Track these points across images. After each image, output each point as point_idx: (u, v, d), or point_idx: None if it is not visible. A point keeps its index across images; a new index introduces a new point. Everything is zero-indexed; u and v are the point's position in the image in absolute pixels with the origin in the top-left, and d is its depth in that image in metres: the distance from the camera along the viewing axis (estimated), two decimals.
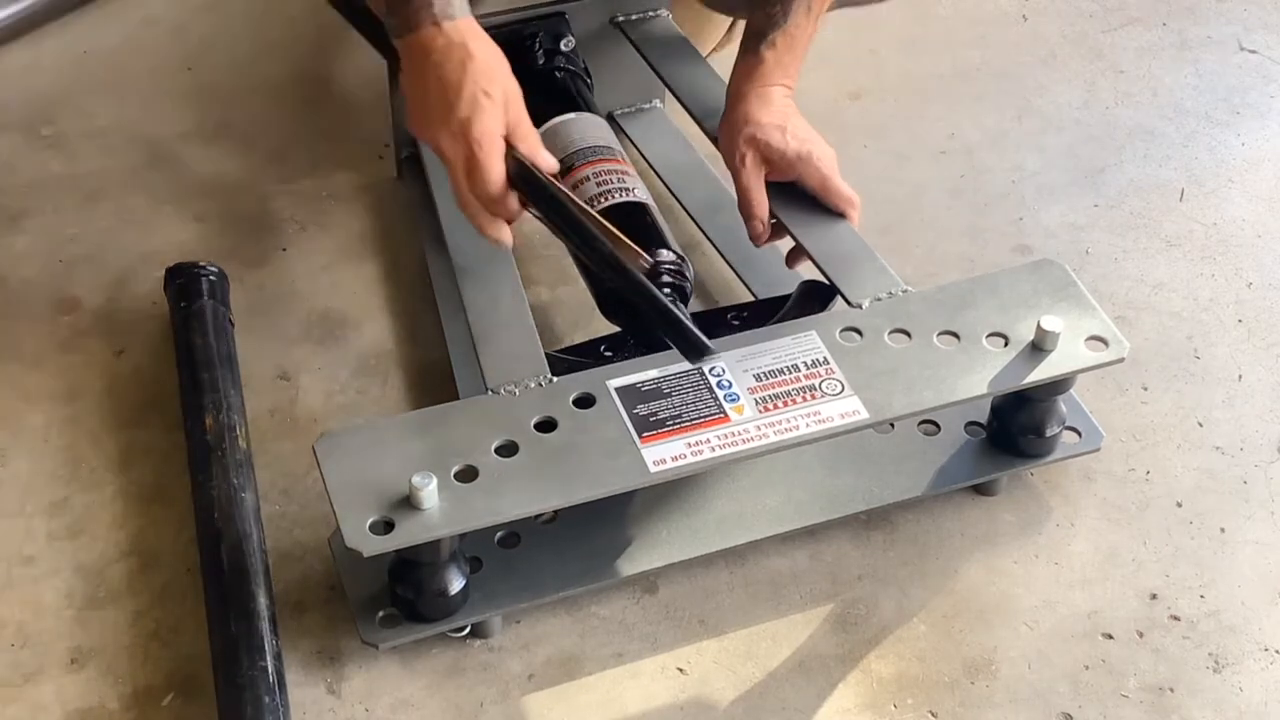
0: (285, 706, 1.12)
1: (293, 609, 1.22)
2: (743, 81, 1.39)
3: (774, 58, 1.38)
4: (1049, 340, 1.21)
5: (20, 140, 1.67)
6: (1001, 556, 1.28)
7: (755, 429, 1.16)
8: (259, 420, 1.37)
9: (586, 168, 1.40)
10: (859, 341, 1.23)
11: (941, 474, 1.30)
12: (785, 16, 1.38)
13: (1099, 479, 1.34)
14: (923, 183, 1.67)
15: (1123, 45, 1.88)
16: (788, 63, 1.39)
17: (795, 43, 1.39)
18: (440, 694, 1.17)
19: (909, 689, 1.18)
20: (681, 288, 1.35)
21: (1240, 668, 1.20)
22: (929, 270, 1.54)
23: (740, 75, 1.40)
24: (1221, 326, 1.50)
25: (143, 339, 1.45)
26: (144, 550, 1.27)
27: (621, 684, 1.19)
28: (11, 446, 1.35)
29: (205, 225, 1.59)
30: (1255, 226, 1.62)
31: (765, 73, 1.38)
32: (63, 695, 1.17)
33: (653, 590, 1.25)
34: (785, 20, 1.38)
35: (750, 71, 1.39)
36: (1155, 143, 1.73)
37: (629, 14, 1.59)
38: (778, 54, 1.38)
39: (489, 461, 1.12)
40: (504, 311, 1.27)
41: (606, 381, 1.19)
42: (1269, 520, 1.31)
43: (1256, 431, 1.39)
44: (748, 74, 1.39)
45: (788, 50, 1.38)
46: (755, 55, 1.39)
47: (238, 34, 1.85)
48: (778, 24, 1.38)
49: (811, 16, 1.39)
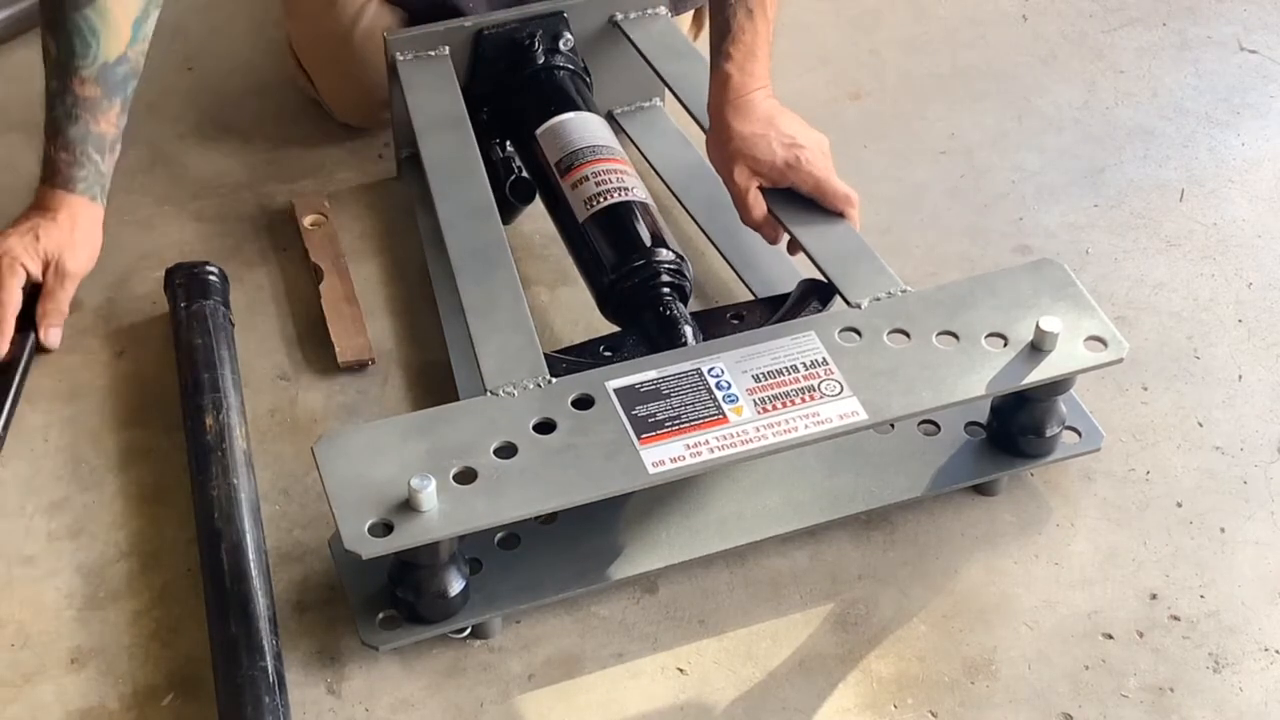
0: (285, 706, 1.12)
1: (293, 609, 1.22)
2: (718, 96, 1.40)
3: (736, 68, 1.39)
4: (1048, 340, 1.21)
5: (20, 140, 1.67)
6: (1001, 556, 1.28)
7: (754, 430, 1.16)
8: (259, 420, 1.37)
9: (586, 167, 1.40)
10: (858, 342, 1.23)
11: (941, 474, 1.30)
12: (729, 24, 1.39)
13: (1099, 479, 1.34)
14: (923, 183, 1.67)
15: (1123, 45, 1.88)
16: (751, 69, 1.39)
17: (750, 46, 1.39)
18: (440, 694, 1.17)
19: (909, 689, 1.18)
20: (681, 288, 1.35)
21: (1240, 668, 1.20)
22: (929, 270, 1.54)
23: (714, 92, 1.41)
24: (1221, 326, 1.50)
25: (143, 339, 1.46)
26: (144, 550, 1.27)
27: (621, 684, 1.19)
28: (11, 446, 1.35)
29: (205, 225, 1.59)
30: (1255, 226, 1.62)
31: (735, 85, 1.39)
32: (63, 695, 1.17)
33: (653, 590, 1.25)
34: (730, 27, 1.39)
35: (722, 87, 1.40)
36: (1155, 143, 1.73)
37: (629, 13, 1.59)
38: (738, 63, 1.39)
39: (488, 463, 1.12)
40: (503, 311, 1.27)
41: (605, 382, 1.19)
42: (1269, 520, 1.31)
43: (1256, 431, 1.39)
44: (720, 89, 1.40)
45: (746, 56, 1.39)
46: (720, 71, 1.40)
47: (238, 34, 1.85)
48: (725, 34, 1.39)
49: (755, 16, 1.39)
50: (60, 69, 1.38)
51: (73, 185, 1.41)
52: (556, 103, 1.49)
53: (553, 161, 1.43)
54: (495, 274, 1.31)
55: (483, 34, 1.53)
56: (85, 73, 1.37)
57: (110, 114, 1.40)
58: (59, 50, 1.37)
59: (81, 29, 1.35)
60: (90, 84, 1.38)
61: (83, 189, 1.41)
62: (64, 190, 1.41)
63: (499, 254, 1.32)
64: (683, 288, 1.35)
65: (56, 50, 1.37)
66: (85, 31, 1.35)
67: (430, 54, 1.52)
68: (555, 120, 1.46)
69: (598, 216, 1.37)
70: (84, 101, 1.38)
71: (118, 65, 1.38)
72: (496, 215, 1.37)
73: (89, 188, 1.42)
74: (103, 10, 1.35)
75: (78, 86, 1.37)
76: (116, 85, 1.39)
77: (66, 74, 1.37)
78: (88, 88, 1.38)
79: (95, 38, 1.36)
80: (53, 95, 1.39)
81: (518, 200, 1.50)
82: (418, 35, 1.52)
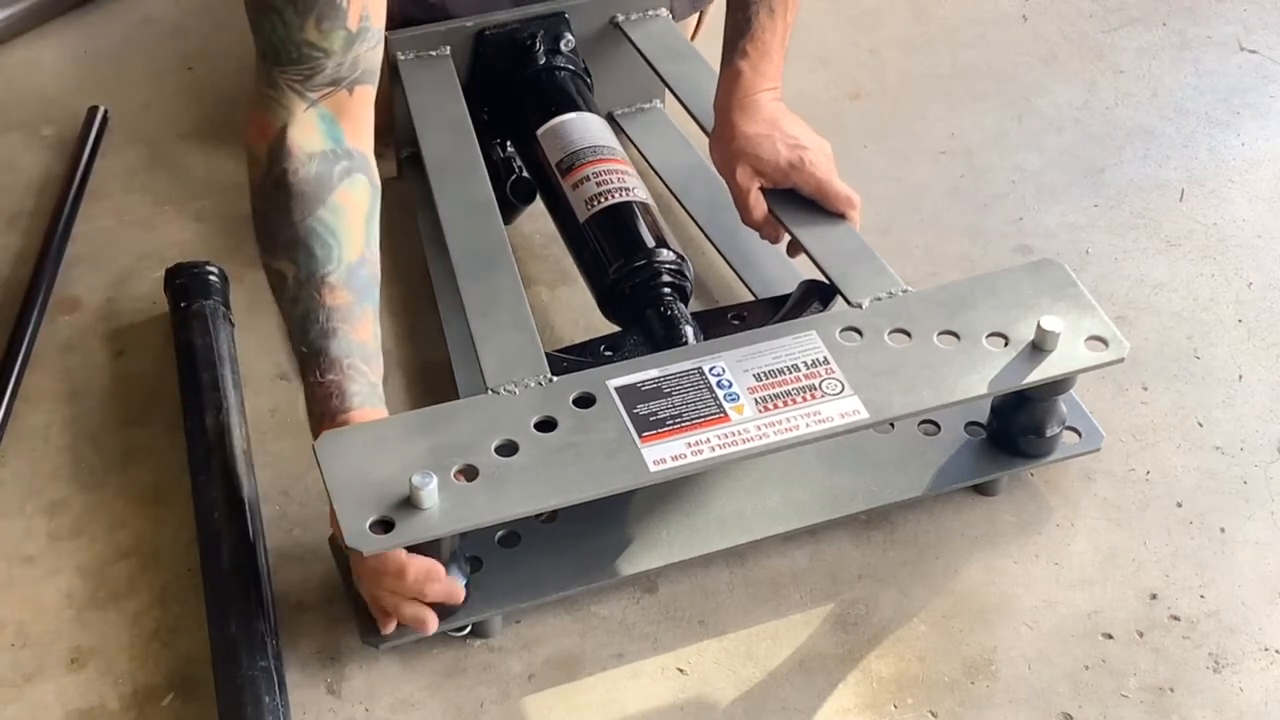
0: (285, 706, 1.12)
1: (293, 609, 1.22)
2: (726, 95, 1.40)
3: (749, 66, 1.38)
4: (1049, 340, 1.21)
5: (20, 140, 1.67)
6: (1001, 556, 1.28)
7: (755, 429, 1.16)
8: (259, 420, 1.37)
9: (586, 167, 1.40)
10: (859, 341, 1.23)
11: (941, 474, 1.30)
12: (750, 22, 1.38)
13: (1099, 479, 1.34)
14: (923, 183, 1.67)
15: (1123, 45, 1.88)
16: (764, 68, 1.39)
17: (767, 45, 1.39)
18: (440, 694, 1.17)
19: (909, 689, 1.18)
20: (681, 287, 1.35)
21: (1240, 668, 1.20)
22: (929, 270, 1.54)
23: (723, 89, 1.41)
24: (1221, 326, 1.50)
25: (143, 339, 1.45)
26: (144, 550, 1.27)
27: (621, 684, 1.19)
28: (11, 446, 1.35)
29: (205, 225, 1.59)
30: (1255, 226, 1.62)
31: (745, 83, 1.39)
32: (63, 695, 1.17)
33: (653, 590, 1.25)
34: (750, 25, 1.38)
35: (731, 84, 1.39)
36: (1155, 143, 1.73)
37: (629, 14, 1.59)
38: (752, 61, 1.38)
39: (489, 461, 1.12)
40: (505, 310, 1.27)
41: (606, 381, 1.19)
42: (1269, 520, 1.31)
43: (1256, 431, 1.39)
44: (729, 87, 1.40)
45: (761, 56, 1.39)
46: (732, 67, 1.39)
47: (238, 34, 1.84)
48: (743, 31, 1.39)
49: (776, 16, 1.39)
50: (303, 286, 1.16)
51: (349, 401, 1.15)
52: (557, 103, 1.49)
53: (554, 161, 1.43)
54: (496, 273, 1.31)
55: (484, 34, 1.53)
56: (333, 278, 1.16)
57: (364, 322, 1.18)
58: (300, 265, 1.16)
59: (319, 233, 1.16)
60: (340, 290, 1.16)
61: (359, 402, 1.15)
62: (344, 414, 1.15)
63: (500, 253, 1.32)
64: (683, 288, 1.35)
65: (297, 268, 1.16)
66: (324, 235, 1.17)
67: (431, 54, 1.52)
68: (556, 120, 1.46)
69: (598, 216, 1.37)
70: (337, 311, 1.16)
71: (360, 268, 1.18)
72: (498, 215, 1.37)
73: (365, 400, 1.16)
74: (336, 208, 1.17)
75: (328, 296, 1.16)
76: (364, 290, 1.19)
77: (312, 287, 1.16)
78: (337, 295, 1.16)
79: (335, 239, 1.17)
80: (301, 321, 1.16)
81: (518, 200, 1.50)
82: (419, 35, 1.52)
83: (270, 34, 1.15)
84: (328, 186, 1.17)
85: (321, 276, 1.16)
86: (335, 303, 1.16)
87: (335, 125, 1.19)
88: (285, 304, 1.18)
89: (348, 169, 1.19)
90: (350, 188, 1.19)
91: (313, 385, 1.16)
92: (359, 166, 1.20)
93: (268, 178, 1.17)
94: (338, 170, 1.18)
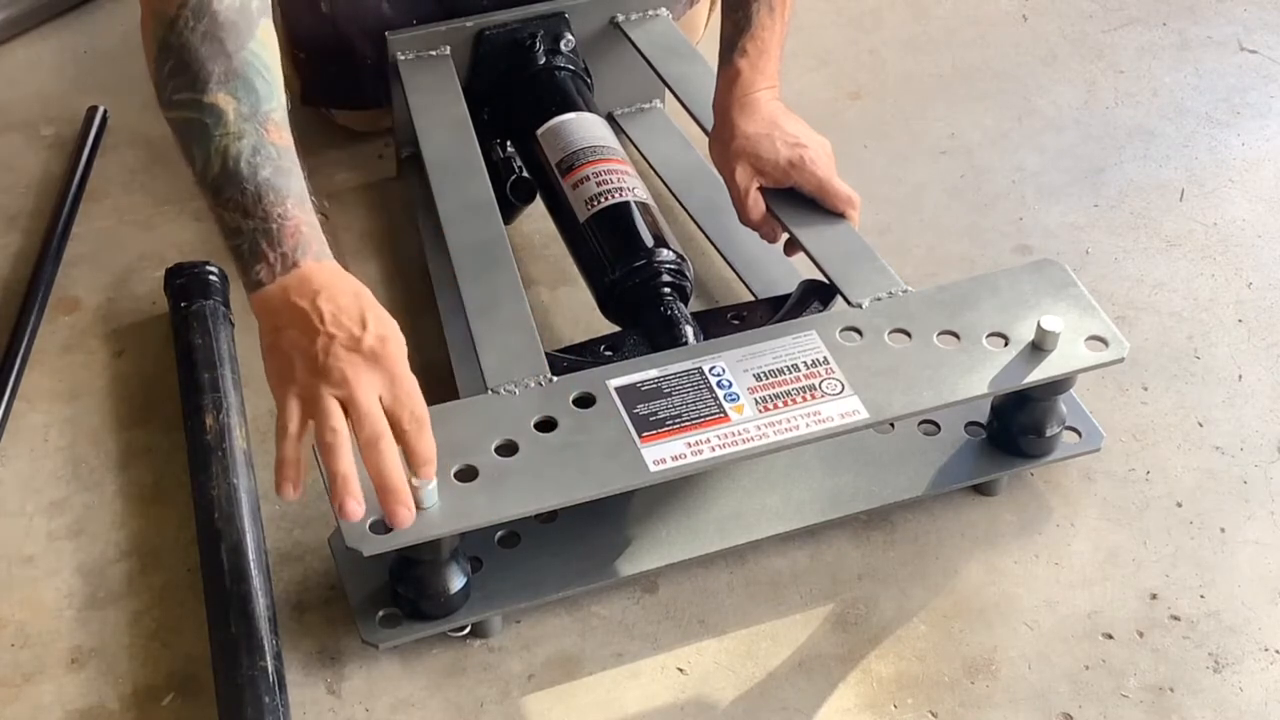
0: (285, 706, 1.12)
1: (293, 609, 1.22)
2: (725, 94, 1.40)
3: (748, 64, 1.38)
4: (1049, 340, 1.21)
5: (20, 140, 1.67)
6: (1001, 556, 1.28)
7: (755, 429, 1.16)
8: (259, 420, 1.36)
9: (586, 167, 1.40)
10: (859, 341, 1.23)
11: (941, 474, 1.30)
12: (749, 20, 1.38)
13: (1099, 479, 1.34)
14: (923, 183, 1.67)
15: (1123, 45, 1.88)
16: (763, 66, 1.39)
17: (766, 44, 1.39)
18: (440, 694, 1.17)
19: (909, 689, 1.18)
20: (681, 287, 1.35)
21: (1240, 668, 1.20)
22: (929, 270, 1.54)
23: (721, 88, 1.41)
24: (1221, 326, 1.50)
25: (143, 339, 1.46)
26: (144, 550, 1.27)
27: (621, 684, 1.19)
28: (11, 446, 1.35)
29: (205, 225, 1.58)
30: (1255, 226, 1.62)
31: (744, 82, 1.38)
32: (63, 695, 1.17)
33: (653, 590, 1.25)
34: (750, 23, 1.38)
35: (730, 84, 1.39)
36: (1155, 143, 1.73)
37: (629, 14, 1.59)
38: (751, 60, 1.38)
39: (489, 461, 1.12)
40: (504, 310, 1.27)
41: (606, 381, 1.19)
42: (1269, 520, 1.31)
43: (1256, 431, 1.39)
44: (728, 86, 1.40)
45: (760, 54, 1.39)
46: (731, 66, 1.39)
47: None
48: (743, 29, 1.39)
49: (776, 14, 1.39)
50: (247, 120, 1.08)
51: (326, 249, 1.11)
52: (557, 103, 1.49)
53: (553, 161, 1.43)
54: (496, 273, 1.31)
55: (484, 34, 1.53)
56: (276, 117, 1.10)
57: (299, 163, 1.13)
58: (240, 100, 1.08)
59: (256, 67, 1.09)
60: (284, 131, 1.11)
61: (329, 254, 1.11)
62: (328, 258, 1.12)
63: (500, 253, 1.32)
64: (683, 288, 1.35)
65: (238, 101, 1.08)
66: (260, 69, 1.10)
67: (431, 54, 1.52)
68: (556, 120, 1.46)
69: (598, 216, 1.37)
70: (288, 151, 1.10)
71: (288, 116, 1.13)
72: (498, 214, 1.37)
73: (325, 249, 1.11)
74: (264, 44, 1.10)
75: (274, 134, 1.10)
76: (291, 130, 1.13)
77: (257, 121, 1.09)
78: (284, 135, 1.11)
79: (270, 75, 1.11)
80: (249, 157, 1.08)
81: (518, 200, 1.49)
82: (419, 35, 1.52)
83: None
84: (252, 20, 1.10)
85: (266, 113, 1.09)
86: (283, 143, 1.10)
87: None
88: (223, 140, 1.07)
89: (261, 8, 1.11)
90: (268, 27, 1.11)
91: (268, 222, 1.07)
92: (266, 8, 1.12)
93: (185, 9, 1.07)
94: (255, 4, 1.11)
